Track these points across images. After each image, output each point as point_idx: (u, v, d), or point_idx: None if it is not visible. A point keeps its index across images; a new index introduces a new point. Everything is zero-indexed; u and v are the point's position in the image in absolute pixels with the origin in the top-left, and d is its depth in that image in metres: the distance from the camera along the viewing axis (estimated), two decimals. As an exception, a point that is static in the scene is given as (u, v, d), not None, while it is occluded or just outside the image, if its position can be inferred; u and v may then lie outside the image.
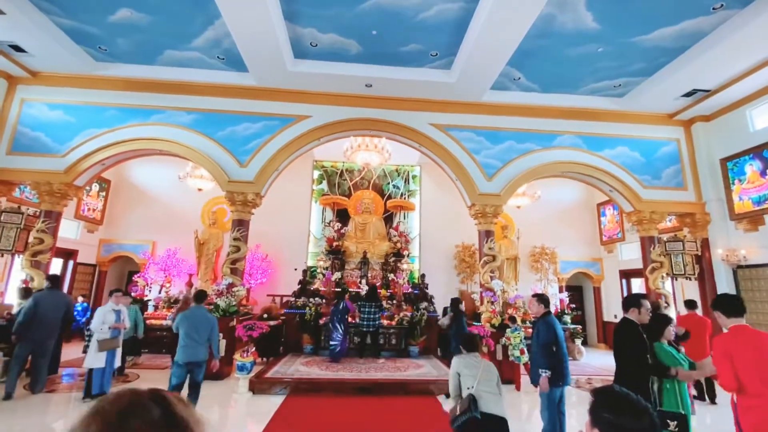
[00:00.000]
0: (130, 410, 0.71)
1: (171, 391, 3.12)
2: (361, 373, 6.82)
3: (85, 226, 11.13)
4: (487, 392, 3.15)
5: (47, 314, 5.65)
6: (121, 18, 6.63)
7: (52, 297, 5.93)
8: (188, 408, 0.78)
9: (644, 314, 3.37)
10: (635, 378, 3.10)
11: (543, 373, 3.72)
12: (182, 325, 4.61)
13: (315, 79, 7.96)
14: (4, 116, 7.95)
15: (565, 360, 3.85)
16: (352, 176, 12.57)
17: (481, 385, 3.18)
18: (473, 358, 3.39)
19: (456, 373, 3.30)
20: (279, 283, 11.65)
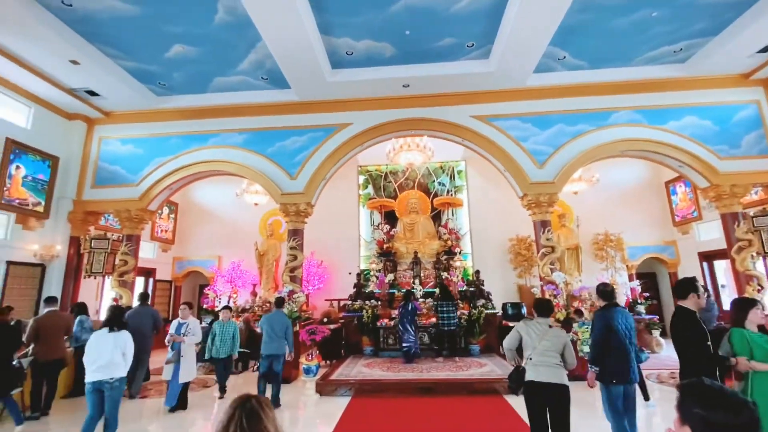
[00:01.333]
0: None
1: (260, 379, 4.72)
2: (422, 373, 6.81)
3: (160, 246, 12.25)
4: (545, 363, 3.22)
5: (138, 328, 6.23)
6: (175, 53, 7.23)
7: (141, 312, 6.60)
8: None
9: (702, 299, 3.07)
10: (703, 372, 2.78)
11: (590, 368, 3.60)
12: (264, 325, 5.86)
13: (353, 86, 8.12)
14: (87, 154, 9.00)
15: (626, 356, 3.54)
16: (397, 178, 12.62)
17: (541, 355, 3.26)
18: (540, 325, 3.42)
19: (516, 332, 3.47)
20: (335, 287, 11.99)
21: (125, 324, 4.27)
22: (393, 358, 8.18)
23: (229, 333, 6.25)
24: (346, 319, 9.18)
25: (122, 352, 4.00)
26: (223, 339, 6.18)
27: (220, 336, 6.20)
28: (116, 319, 4.15)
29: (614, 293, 3.92)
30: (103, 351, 3.91)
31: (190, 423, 5.28)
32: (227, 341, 6.21)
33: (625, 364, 3.53)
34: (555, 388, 3.17)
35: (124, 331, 4.12)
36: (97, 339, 3.99)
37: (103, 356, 3.89)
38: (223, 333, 6.22)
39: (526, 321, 3.54)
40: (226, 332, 6.24)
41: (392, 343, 8.59)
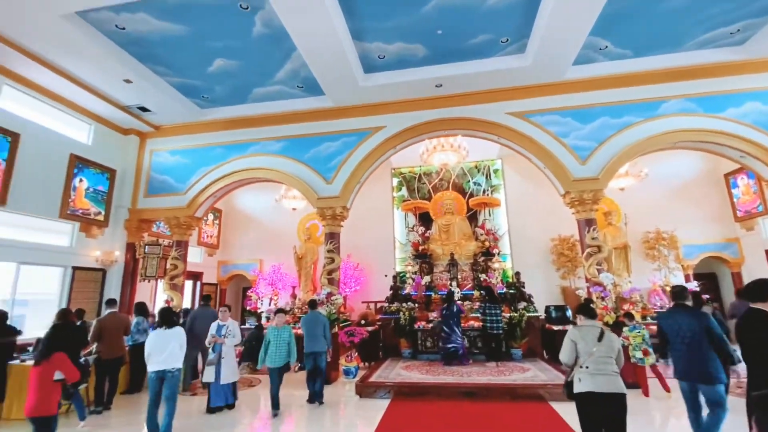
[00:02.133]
0: None
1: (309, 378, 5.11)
2: (463, 377, 6.68)
3: (206, 250, 12.90)
4: (603, 372, 3.06)
5: (202, 327, 6.55)
6: (217, 68, 7.61)
7: (204, 312, 7.00)
8: None
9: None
10: None
11: None
12: (304, 326, 6.15)
13: (386, 89, 8.16)
14: (140, 166, 9.67)
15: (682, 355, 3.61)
16: (431, 179, 12.52)
17: (598, 363, 3.09)
18: (593, 328, 3.25)
19: (572, 341, 3.29)
20: (371, 289, 12.06)
21: (176, 322, 4.84)
22: (432, 361, 8.09)
23: (284, 339, 5.70)
24: (383, 321, 9.20)
25: (179, 345, 4.66)
26: (278, 346, 5.64)
27: (275, 342, 5.65)
28: (168, 318, 4.78)
29: (682, 294, 3.85)
30: (164, 346, 4.58)
31: (235, 422, 5.48)
32: (283, 348, 5.66)
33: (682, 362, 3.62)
34: (614, 398, 2.99)
35: (178, 328, 4.77)
36: (157, 336, 4.64)
37: (164, 350, 4.56)
38: (279, 339, 5.67)
39: (579, 327, 3.34)
40: (281, 338, 5.68)
41: (430, 345, 8.51)
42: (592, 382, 3.05)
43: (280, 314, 5.93)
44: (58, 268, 8.02)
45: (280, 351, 5.61)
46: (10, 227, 7.19)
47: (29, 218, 7.49)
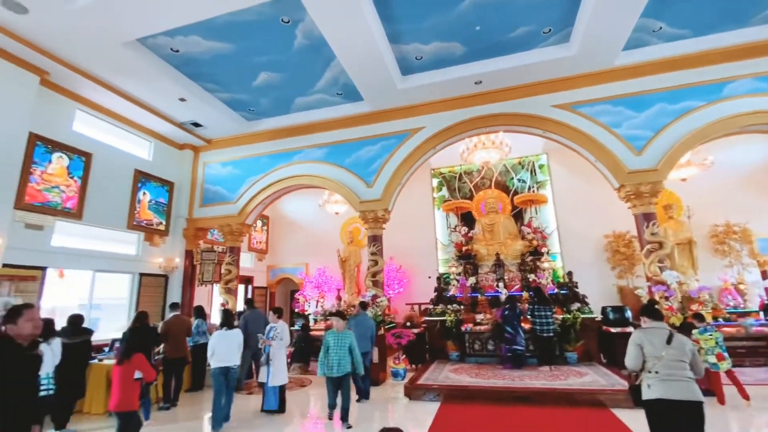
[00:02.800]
0: None
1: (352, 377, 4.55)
2: (514, 381, 6.47)
3: (256, 256, 13.50)
4: (675, 377, 2.82)
5: (253, 329, 6.92)
6: (261, 81, 7.97)
7: (254, 315, 7.37)
8: None
9: None
10: None
11: None
12: (352, 328, 6.12)
13: (424, 90, 8.14)
14: (195, 178, 10.34)
15: None
16: (472, 177, 12.28)
17: (669, 368, 2.86)
18: (660, 330, 3.04)
19: (637, 345, 3.07)
20: (415, 291, 12.03)
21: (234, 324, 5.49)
22: (481, 365, 7.92)
23: (345, 345, 5.15)
24: (428, 323, 9.14)
25: (237, 345, 5.33)
26: (339, 353, 5.12)
27: (335, 349, 5.16)
28: (228, 320, 5.48)
29: None
30: (225, 345, 5.24)
31: (286, 423, 5.66)
32: (344, 355, 5.11)
33: None
34: (690, 406, 2.74)
35: (236, 329, 5.46)
36: (219, 336, 5.30)
37: (225, 349, 5.21)
38: (340, 345, 5.13)
39: (643, 330, 3.14)
40: (341, 344, 5.13)
41: (478, 348, 8.32)
42: (664, 388, 2.83)
43: (337, 318, 5.39)
44: (127, 275, 8.75)
45: (341, 358, 5.10)
46: (87, 238, 7.95)
47: (102, 230, 8.24)
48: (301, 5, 5.77)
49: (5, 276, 6.08)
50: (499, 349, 7.99)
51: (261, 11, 6.01)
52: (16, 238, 6.54)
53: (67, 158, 7.49)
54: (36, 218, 6.92)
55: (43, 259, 6.97)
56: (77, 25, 6.00)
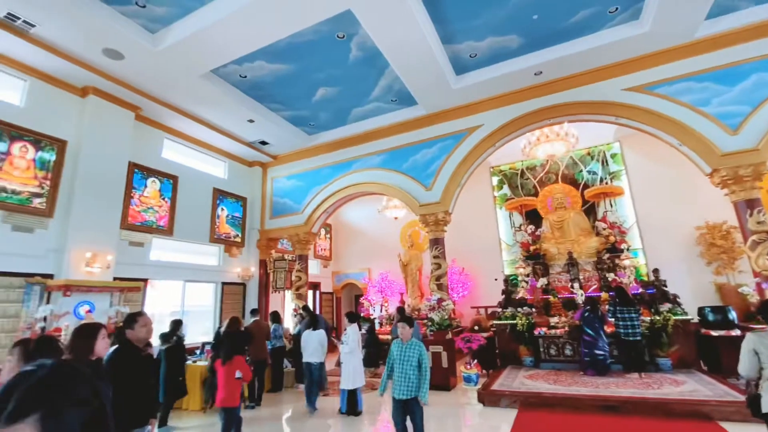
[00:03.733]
0: None
1: None
2: (599, 389, 6.00)
3: (321, 262, 14.09)
4: None
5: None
6: (320, 96, 8.36)
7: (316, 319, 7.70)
8: None
9: None
10: None
11: None
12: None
13: (480, 87, 7.96)
14: (264, 192, 11.09)
15: None
16: (535, 173, 11.70)
17: None
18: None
19: (751, 351, 2.77)
20: (479, 294, 11.71)
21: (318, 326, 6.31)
22: (558, 371, 7.46)
23: (413, 359, 3.84)
24: (497, 327, 8.82)
25: (320, 344, 6.19)
26: (404, 368, 3.82)
27: (400, 364, 3.87)
28: (315, 322, 6.43)
29: None
30: (310, 343, 6.18)
31: (359, 428, 5.79)
32: (411, 372, 3.79)
33: None
34: None
35: (321, 330, 6.30)
36: (307, 335, 6.30)
37: (309, 347, 6.16)
38: (405, 358, 3.86)
39: (758, 333, 2.77)
40: (407, 357, 3.85)
41: (555, 353, 7.85)
42: None
43: (403, 324, 4.04)
44: (211, 284, 9.62)
45: (407, 377, 3.80)
46: (177, 252, 8.89)
47: (189, 244, 9.17)
48: (354, 19, 5.97)
49: (116, 287, 7.00)
50: (578, 355, 7.47)
51: (318, 30, 6.33)
52: (123, 255, 7.52)
53: (158, 182, 8.48)
54: (137, 236, 7.91)
55: (144, 271, 7.94)
56: (162, 64, 6.79)
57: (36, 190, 6.42)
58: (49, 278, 6.32)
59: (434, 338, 7.39)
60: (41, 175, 6.52)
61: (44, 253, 6.42)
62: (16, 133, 6.29)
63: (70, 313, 6.22)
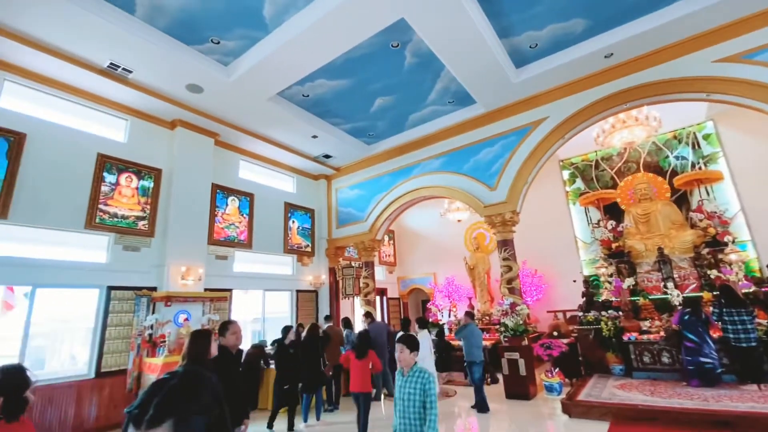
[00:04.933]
0: None
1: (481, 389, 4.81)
2: (709, 403, 5.27)
3: (386, 268, 14.28)
4: None
5: (376, 338, 7.35)
6: (377, 106, 8.54)
7: (377, 326, 7.82)
8: None
9: None
10: None
11: None
12: (463, 337, 6.56)
13: (543, 78, 7.55)
14: (330, 203, 11.56)
15: None
16: (612, 163, 10.75)
17: None
18: None
19: None
20: (555, 297, 11.00)
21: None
22: (655, 380, 6.71)
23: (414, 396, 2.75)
24: (579, 332, 8.19)
25: None
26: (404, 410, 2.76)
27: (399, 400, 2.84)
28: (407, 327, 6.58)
29: None
30: None
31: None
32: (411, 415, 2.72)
33: None
34: None
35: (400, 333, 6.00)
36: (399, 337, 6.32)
37: None
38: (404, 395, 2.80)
39: None
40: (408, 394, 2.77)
41: (649, 361, 7.07)
42: None
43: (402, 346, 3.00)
44: (287, 292, 10.23)
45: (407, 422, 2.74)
46: (256, 263, 9.60)
47: (266, 255, 9.85)
48: (408, 27, 6.03)
49: (207, 297, 7.75)
50: (678, 363, 6.65)
51: (372, 42, 6.49)
52: (210, 267, 8.30)
53: (237, 200, 9.26)
54: (222, 250, 8.70)
55: (229, 282, 8.69)
56: (235, 92, 7.43)
57: (140, 213, 7.38)
58: (153, 291, 7.19)
59: (509, 344, 7.07)
60: (143, 201, 7.48)
61: (148, 269, 7.33)
62: (122, 166, 7.31)
63: (171, 322, 7.02)
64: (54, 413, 5.76)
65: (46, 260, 6.17)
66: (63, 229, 6.44)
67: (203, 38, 6.31)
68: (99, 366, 6.38)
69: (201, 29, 6.11)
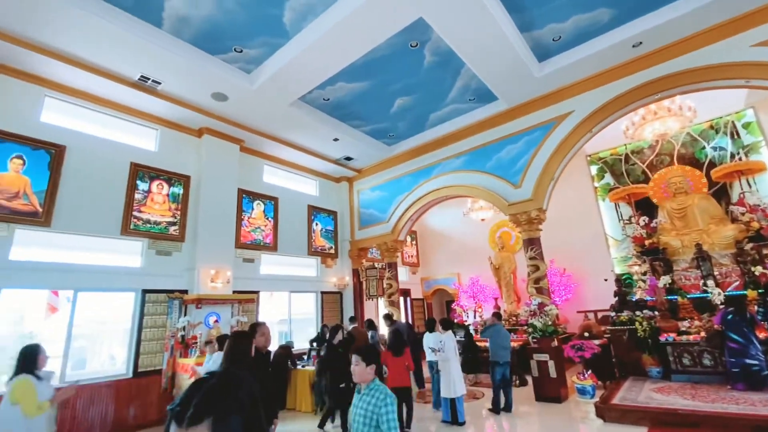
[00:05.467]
0: None
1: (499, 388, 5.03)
2: (755, 407, 4.95)
3: (409, 269, 14.22)
4: None
5: None
6: (397, 107, 8.53)
7: (400, 325, 7.79)
8: None
9: None
10: None
11: None
12: (489, 338, 6.54)
13: (567, 71, 7.33)
14: (352, 205, 11.63)
15: None
16: (643, 156, 10.32)
17: None
18: None
19: None
20: (586, 297, 10.65)
21: None
22: (696, 384, 6.37)
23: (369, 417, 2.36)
24: (612, 333, 7.88)
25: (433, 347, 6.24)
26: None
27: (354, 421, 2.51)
28: (432, 327, 6.68)
29: None
30: (429, 344, 6.39)
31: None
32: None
33: None
34: None
35: (435, 333, 6.50)
36: (426, 338, 6.58)
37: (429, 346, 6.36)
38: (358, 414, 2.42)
39: None
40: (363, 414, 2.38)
41: (689, 363, 6.72)
42: None
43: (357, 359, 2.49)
44: (311, 294, 10.36)
45: None
46: (282, 265, 9.77)
47: (291, 257, 10.02)
48: (426, 26, 5.99)
49: (235, 299, 7.95)
50: (721, 365, 6.29)
51: (391, 43, 6.48)
52: (238, 270, 8.51)
53: (262, 204, 9.47)
54: (249, 253, 8.91)
55: (256, 284, 8.88)
56: (258, 99, 7.60)
57: (171, 219, 7.66)
58: (184, 294, 7.43)
59: (538, 346, 6.89)
60: (173, 207, 7.76)
61: (180, 273, 7.59)
62: (154, 174, 7.60)
63: (202, 323, 7.24)
64: (96, 411, 6.06)
65: (86, 265, 6.50)
66: (100, 236, 6.76)
67: (227, 47, 6.48)
68: (136, 366, 6.66)
69: (224, 39, 6.28)
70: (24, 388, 3.22)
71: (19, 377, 3.28)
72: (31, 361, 3.38)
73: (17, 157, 6.05)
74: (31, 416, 3.19)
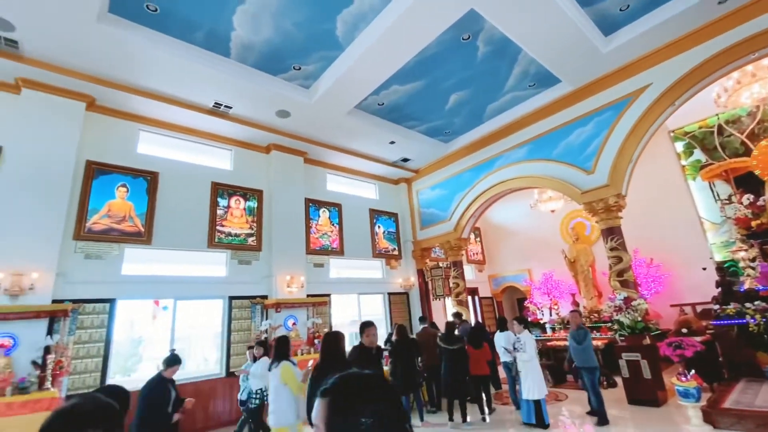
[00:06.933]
0: None
1: None
2: None
3: (475, 267, 13.87)
4: None
5: None
6: (453, 102, 8.40)
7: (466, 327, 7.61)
8: None
9: None
10: None
11: None
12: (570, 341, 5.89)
13: (640, 41, 6.67)
14: (412, 206, 11.67)
15: None
16: (741, 126, 9.00)
17: None
18: None
19: None
20: (680, 289, 9.54)
21: None
22: (834, 386, 5.39)
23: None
24: (716, 328, 6.97)
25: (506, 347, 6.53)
26: None
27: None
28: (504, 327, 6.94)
29: None
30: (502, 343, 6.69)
31: (558, 435, 5.31)
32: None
33: None
34: None
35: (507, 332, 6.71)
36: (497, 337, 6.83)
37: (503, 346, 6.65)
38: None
39: None
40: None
41: (823, 362, 5.71)
42: None
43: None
44: (379, 295, 10.56)
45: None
46: (349, 269, 10.11)
47: (357, 260, 10.32)
48: (478, 16, 5.84)
49: (309, 302, 8.39)
50: None
51: (442, 40, 6.41)
52: (310, 275, 8.97)
53: (327, 211, 9.90)
54: (318, 259, 9.36)
55: (327, 288, 9.29)
56: (317, 112, 7.97)
57: (248, 231, 8.31)
58: (264, 299, 8.01)
59: (627, 344, 6.32)
60: (250, 219, 8.41)
61: (260, 280, 8.20)
62: (231, 191, 8.32)
63: (282, 326, 7.74)
64: (198, 406, 6.76)
65: (182, 276, 7.31)
66: (191, 249, 7.56)
67: (286, 67, 6.90)
68: (228, 366, 7.32)
69: (284, 59, 6.69)
70: (290, 371, 3.87)
71: (283, 363, 3.90)
72: (288, 349, 4.05)
73: (122, 185, 7.01)
74: (298, 394, 3.85)
